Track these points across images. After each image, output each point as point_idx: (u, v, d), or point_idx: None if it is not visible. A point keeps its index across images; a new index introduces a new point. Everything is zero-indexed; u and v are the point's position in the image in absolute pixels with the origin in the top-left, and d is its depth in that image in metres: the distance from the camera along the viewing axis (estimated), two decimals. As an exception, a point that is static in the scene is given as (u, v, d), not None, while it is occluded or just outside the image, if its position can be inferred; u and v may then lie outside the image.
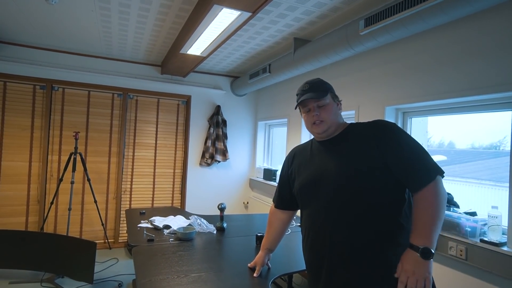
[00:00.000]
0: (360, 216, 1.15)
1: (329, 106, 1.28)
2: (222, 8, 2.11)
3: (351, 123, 1.32)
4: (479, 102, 2.02)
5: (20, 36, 3.39)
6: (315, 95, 1.27)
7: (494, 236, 1.77)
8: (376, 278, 1.12)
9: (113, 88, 4.02)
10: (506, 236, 1.74)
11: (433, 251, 1.03)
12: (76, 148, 3.47)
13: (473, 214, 1.98)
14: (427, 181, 1.09)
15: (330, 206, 1.20)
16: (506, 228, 1.74)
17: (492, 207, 1.79)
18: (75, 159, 3.47)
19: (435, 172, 1.11)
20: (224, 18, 2.28)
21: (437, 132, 2.67)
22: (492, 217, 1.78)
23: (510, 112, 1.75)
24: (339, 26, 2.62)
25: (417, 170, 1.11)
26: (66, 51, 3.79)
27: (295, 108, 1.35)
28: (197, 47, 2.97)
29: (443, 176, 1.13)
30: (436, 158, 2.61)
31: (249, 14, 2.19)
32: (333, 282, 1.19)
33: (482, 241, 1.79)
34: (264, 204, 4.27)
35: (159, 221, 2.48)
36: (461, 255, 1.88)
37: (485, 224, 1.85)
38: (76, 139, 3.47)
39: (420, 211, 1.09)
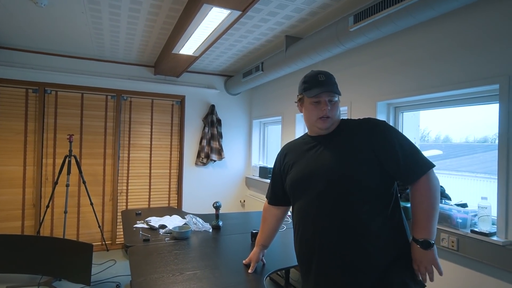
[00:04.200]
0: (349, 210, 1.17)
1: (337, 104, 1.28)
2: (212, 7, 2.12)
3: (343, 119, 1.34)
4: (468, 95, 2.05)
5: (10, 40, 3.38)
6: (334, 90, 1.24)
7: (484, 227, 1.80)
8: (365, 270, 1.14)
9: (107, 90, 4.02)
10: (495, 226, 1.77)
11: (432, 242, 1.14)
12: (70, 151, 3.46)
13: (464, 205, 2.01)
14: (420, 174, 1.15)
15: (320, 200, 1.22)
16: (496, 218, 1.77)
17: (482, 198, 1.82)
18: (70, 162, 3.46)
19: (427, 166, 1.16)
20: (214, 17, 2.29)
21: (432, 126, 2.69)
22: (482, 208, 1.81)
23: (497, 104, 1.77)
24: (329, 23, 2.64)
25: (410, 164, 1.15)
26: (58, 54, 3.78)
27: (302, 93, 1.29)
28: (189, 46, 2.97)
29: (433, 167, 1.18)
30: (431, 152, 2.65)
31: (239, 12, 2.20)
32: (323, 274, 1.21)
33: (472, 231, 1.82)
34: (260, 202, 4.29)
35: (155, 221, 2.49)
36: (452, 246, 1.91)
37: (475, 215, 1.88)
38: (71, 142, 3.46)
39: (417, 205, 1.17)
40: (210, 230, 2.40)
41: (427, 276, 1.15)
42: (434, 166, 1.17)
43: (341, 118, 1.35)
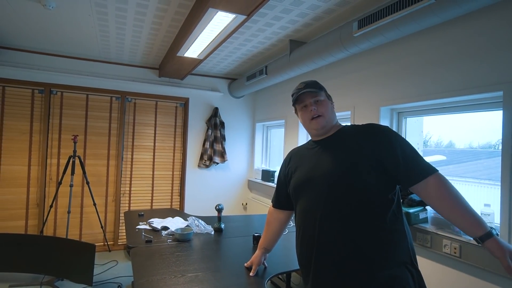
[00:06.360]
0: (348, 214, 1.17)
1: (326, 102, 1.33)
2: (217, 12, 2.14)
3: (345, 125, 1.36)
4: (472, 102, 2.04)
5: (18, 41, 3.42)
6: (312, 89, 1.32)
7: (487, 234, 1.78)
8: (363, 275, 1.14)
9: (111, 91, 4.05)
10: (499, 234, 1.76)
11: (488, 229, 1.06)
12: (74, 151, 3.49)
13: (467, 212, 2.00)
14: (422, 175, 1.14)
15: (321, 203, 1.22)
16: (499, 225, 1.76)
17: (485, 205, 1.81)
18: (74, 162, 3.49)
19: (430, 169, 1.16)
20: (219, 21, 2.31)
21: (436, 132, 2.68)
22: (485, 215, 1.81)
23: (501, 111, 1.77)
24: (333, 28, 2.65)
25: (411, 166, 1.16)
26: (64, 55, 3.82)
27: (293, 105, 1.39)
28: (193, 50, 3.00)
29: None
30: (435, 158, 2.64)
31: (244, 17, 2.22)
32: (322, 277, 1.21)
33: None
34: (262, 205, 4.29)
35: (157, 222, 2.50)
36: (455, 252, 1.90)
37: (478, 222, 1.87)
38: (75, 143, 3.50)
39: (444, 208, 1.13)
40: (212, 233, 2.41)
41: None
42: (437, 171, 1.16)
43: (342, 124, 1.37)
